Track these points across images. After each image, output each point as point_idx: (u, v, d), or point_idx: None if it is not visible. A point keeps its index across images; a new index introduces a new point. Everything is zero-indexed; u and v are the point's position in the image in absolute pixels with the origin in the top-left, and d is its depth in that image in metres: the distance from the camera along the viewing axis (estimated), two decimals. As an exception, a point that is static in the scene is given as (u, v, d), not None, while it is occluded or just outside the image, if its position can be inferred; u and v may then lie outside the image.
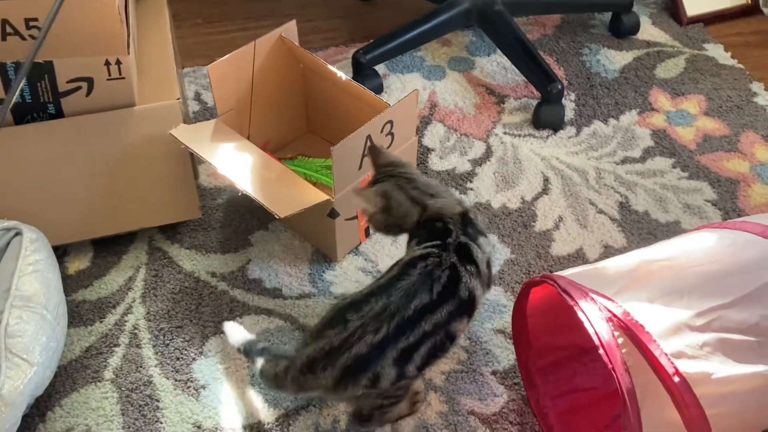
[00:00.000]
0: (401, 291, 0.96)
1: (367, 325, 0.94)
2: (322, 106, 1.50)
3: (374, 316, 0.94)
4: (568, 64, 1.76)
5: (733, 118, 1.63)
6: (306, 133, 1.57)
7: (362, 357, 0.94)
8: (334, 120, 1.47)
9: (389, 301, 0.95)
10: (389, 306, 0.95)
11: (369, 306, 0.95)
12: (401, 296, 0.95)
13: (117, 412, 1.13)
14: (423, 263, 0.99)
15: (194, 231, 1.39)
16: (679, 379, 0.90)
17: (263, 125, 1.44)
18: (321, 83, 1.44)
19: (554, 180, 1.49)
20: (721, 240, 1.07)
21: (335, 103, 1.44)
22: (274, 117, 1.48)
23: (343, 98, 1.40)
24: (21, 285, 1.08)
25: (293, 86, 1.49)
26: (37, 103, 1.24)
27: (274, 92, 1.44)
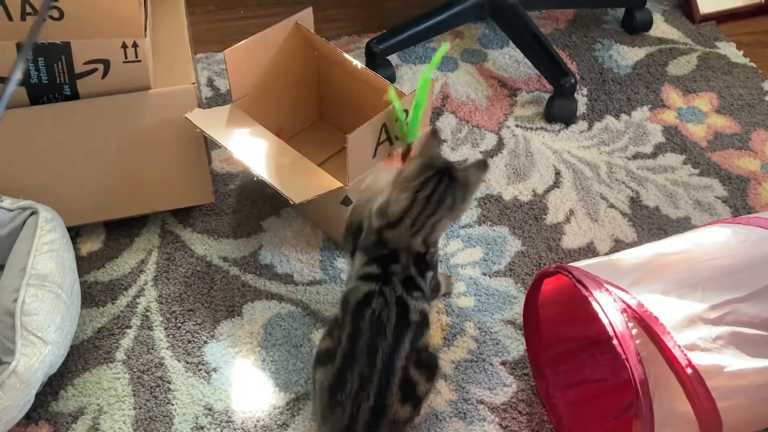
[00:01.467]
0: (364, 352, 1.00)
1: (358, 397, 0.99)
2: (336, 95, 1.50)
3: (358, 388, 0.99)
4: (580, 59, 1.76)
5: (744, 116, 1.64)
6: (318, 121, 1.57)
7: (372, 420, 1.00)
8: (347, 108, 1.48)
9: (361, 367, 1.00)
10: (363, 371, 1.00)
11: (348, 383, 1.00)
12: (366, 356, 1.00)
13: (128, 393, 1.14)
14: (368, 310, 1.02)
15: (207, 216, 1.39)
16: (691, 371, 0.90)
17: (277, 112, 1.45)
18: (335, 71, 1.45)
19: (566, 173, 1.50)
20: (735, 235, 1.07)
21: (349, 92, 1.44)
22: (287, 104, 1.48)
23: (357, 87, 1.40)
24: (36, 264, 1.08)
25: (307, 74, 1.49)
26: (53, 84, 1.24)
27: (288, 79, 1.44)
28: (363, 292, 1.04)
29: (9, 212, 1.16)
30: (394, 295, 1.03)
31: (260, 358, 1.19)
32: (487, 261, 1.34)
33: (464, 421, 1.11)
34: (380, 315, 1.01)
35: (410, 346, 1.02)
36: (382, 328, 1.01)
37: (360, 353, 1.00)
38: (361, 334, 1.01)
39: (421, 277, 1.07)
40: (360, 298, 1.03)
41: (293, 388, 1.15)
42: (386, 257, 1.06)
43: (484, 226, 1.40)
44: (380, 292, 1.03)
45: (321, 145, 1.47)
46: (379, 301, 1.02)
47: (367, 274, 1.05)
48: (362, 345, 1.01)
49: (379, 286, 1.03)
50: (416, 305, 1.04)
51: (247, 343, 1.20)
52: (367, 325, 1.01)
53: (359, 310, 1.03)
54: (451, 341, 1.21)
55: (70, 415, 1.11)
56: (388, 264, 1.05)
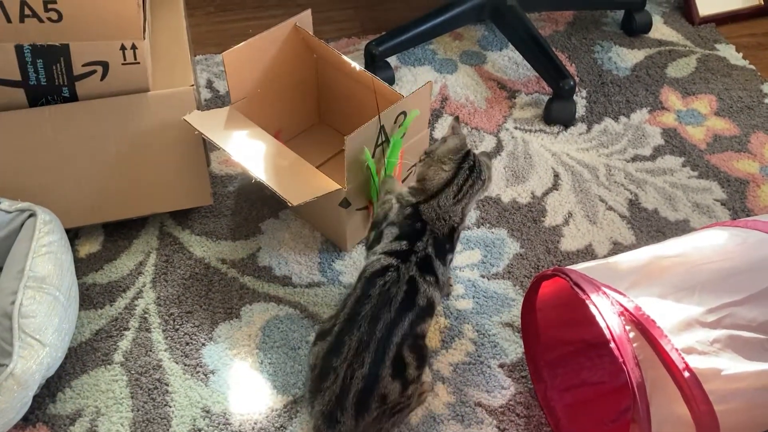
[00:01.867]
0: (366, 319, 1.02)
1: (352, 364, 1.00)
2: (335, 97, 1.50)
3: (354, 353, 1.01)
4: (579, 61, 1.76)
5: (743, 118, 1.64)
6: (317, 123, 1.57)
7: (364, 389, 1.00)
8: (346, 110, 1.48)
9: (360, 333, 1.01)
10: (362, 338, 1.01)
11: (346, 346, 1.01)
12: (368, 324, 1.02)
13: (126, 395, 1.14)
14: (381, 280, 1.05)
15: (205, 218, 1.39)
16: (689, 375, 0.90)
17: (275, 114, 1.45)
18: (334, 74, 1.45)
19: (564, 176, 1.50)
20: (732, 238, 1.07)
21: (348, 94, 1.44)
22: (286, 106, 1.48)
23: (356, 89, 1.40)
24: (34, 266, 1.08)
25: (306, 76, 1.49)
26: (52, 86, 1.24)
27: (287, 81, 1.45)
28: (382, 264, 1.06)
29: (7, 214, 1.16)
30: (408, 275, 1.05)
31: (258, 361, 1.19)
32: (485, 263, 1.34)
33: (462, 424, 1.11)
34: (390, 288, 1.04)
35: (409, 327, 1.03)
36: (388, 301, 1.03)
37: (362, 319, 1.02)
38: (367, 300, 1.03)
39: (439, 260, 1.09)
40: (377, 269, 1.06)
41: (291, 390, 1.15)
42: (417, 232, 1.09)
43: (483, 228, 1.40)
44: (396, 268, 1.05)
45: (319, 147, 1.48)
46: (392, 276, 1.05)
47: (393, 250, 1.08)
48: (366, 311, 1.02)
49: (398, 262, 1.06)
50: (426, 290, 1.06)
51: (245, 345, 1.20)
52: (376, 293, 1.04)
53: (372, 279, 1.05)
54: (449, 344, 1.21)
55: (68, 417, 1.11)
56: (416, 240, 1.08)
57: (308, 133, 1.54)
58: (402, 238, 1.09)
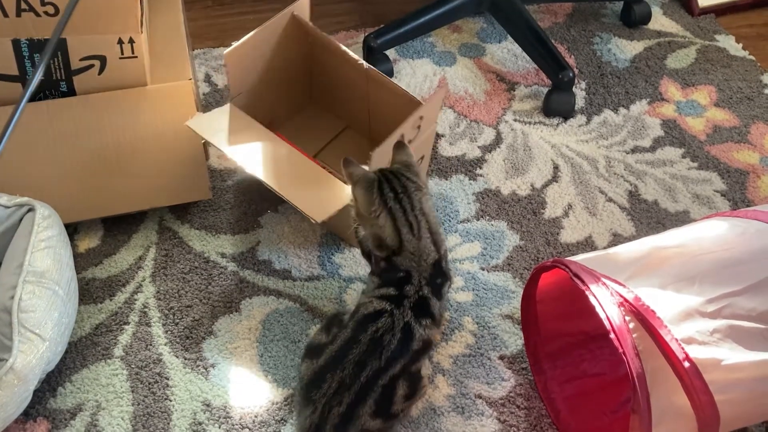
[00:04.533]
0: (351, 364, 1.00)
1: (331, 401, 0.99)
2: (328, 79, 1.47)
3: (334, 392, 1.00)
4: (579, 53, 1.76)
5: (743, 109, 1.63)
6: (309, 104, 1.54)
7: (340, 425, 1.00)
8: (338, 92, 1.46)
9: (343, 374, 1.00)
10: (344, 380, 0.99)
11: (327, 384, 1.00)
12: (353, 368, 1.00)
13: (127, 389, 1.14)
14: (373, 326, 1.01)
15: (204, 212, 1.39)
16: (689, 365, 0.90)
17: (272, 101, 1.43)
18: (329, 58, 1.42)
19: (564, 168, 1.50)
20: (732, 228, 1.07)
21: (342, 77, 1.42)
22: (281, 91, 1.46)
23: (350, 73, 1.39)
24: (34, 261, 1.08)
25: (301, 60, 1.47)
26: (50, 81, 1.24)
27: (284, 69, 1.42)
28: (375, 308, 1.03)
29: (6, 209, 1.16)
30: (402, 321, 1.02)
31: (258, 354, 1.19)
32: (485, 256, 1.34)
33: (462, 416, 1.11)
34: (382, 336, 1.01)
35: (401, 370, 1.02)
36: (379, 349, 1.00)
37: (348, 362, 1.00)
38: (357, 345, 1.01)
39: (435, 297, 1.05)
40: (369, 312, 1.03)
41: (291, 383, 1.15)
42: (401, 280, 1.05)
43: (483, 220, 1.39)
44: (390, 314, 1.02)
45: (316, 131, 1.46)
46: (386, 322, 1.01)
47: (383, 294, 1.05)
48: (354, 355, 1.00)
49: (391, 307, 1.02)
50: (422, 334, 1.03)
51: (246, 338, 1.20)
52: (367, 339, 1.01)
53: (364, 323, 1.02)
54: (449, 336, 1.21)
55: (69, 411, 1.11)
56: (404, 286, 1.05)
57: (301, 115, 1.52)
58: (387, 285, 1.05)
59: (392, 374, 1.01)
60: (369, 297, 1.06)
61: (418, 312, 1.03)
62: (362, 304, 1.06)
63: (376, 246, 1.08)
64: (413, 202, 1.06)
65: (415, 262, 1.06)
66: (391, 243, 1.06)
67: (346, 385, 0.99)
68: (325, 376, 1.00)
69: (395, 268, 1.06)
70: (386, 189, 1.06)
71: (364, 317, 1.03)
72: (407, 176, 1.07)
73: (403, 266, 1.06)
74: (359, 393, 0.99)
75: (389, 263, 1.07)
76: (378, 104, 1.40)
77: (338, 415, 0.99)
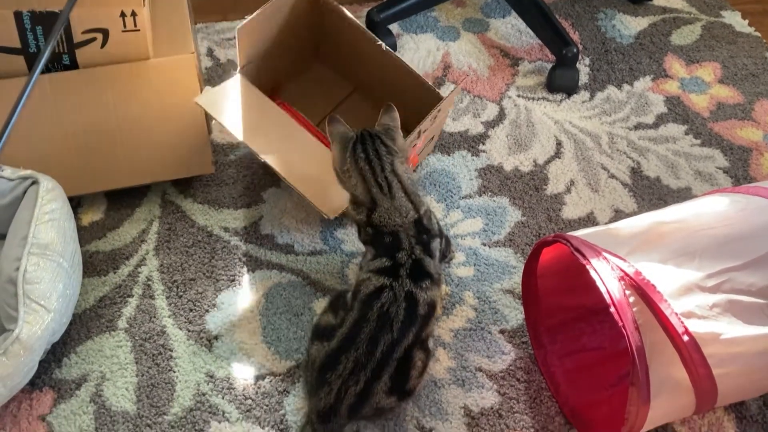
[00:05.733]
0: (364, 341, 1.01)
1: (347, 381, 1.00)
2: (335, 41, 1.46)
3: (350, 373, 1.00)
4: (583, 29, 1.75)
5: (748, 86, 1.62)
6: (315, 64, 1.53)
7: (355, 404, 1.01)
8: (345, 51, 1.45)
9: (357, 354, 1.00)
10: (359, 359, 1.00)
11: (342, 365, 1.01)
12: (366, 345, 1.01)
13: (131, 361, 1.15)
14: (378, 302, 1.02)
15: (207, 186, 1.39)
16: (688, 338, 0.91)
17: (275, 63, 1.41)
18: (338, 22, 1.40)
19: (567, 144, 1.49)
20: (733, 204, 1.07)
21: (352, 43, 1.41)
22: (288, 56, 1.44)
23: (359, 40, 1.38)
24: (38, 233, 1.09)
25: (309, 27, 1.45)
26: (52, 54, 1.24)
27: (291, 35, 1.40)
28: (375, 285, 1.04)
29: (10, 182, 1.17)
30: (404, 291, 1.03)
31: (261, 327, 1.20)
32: (486, 231, 1.34)
33: (462, 388, 1.13)
34: (388, 309, 1.02)
35: (414, 338, 1.03)
36: (389, 322, 1.01)
37: (361, 341, 1.01)
38: (366, 324, 1.01)
39: (428, 255, 1.07)
40: (371, 291, 1.04)
41: (294, 355, 1.16)
42: (391, 245, 1.06)
43: (485, 196, 1.40)
44: (390, 287, 1.03)
45: (322, 94, 1.45)
46: (389, 296, 1.02)
47: (379, 268, 1.05)
48: (365, 334, 1.01)
49: (390, 281, 1.03)
50: (425, 298, 1.04)
51: (248, 311, 1.21)
52: (375, 316, 1.02)
53: (368, 302, 1.03)
54: (450, 310, 1.22)
55: (74, 382, 1.13)
56: (395, 253, 1.05)
57: (308, 75, 1.50)
58: (381, 256, 1.06)
59: (406, 345, 1.02)
60: (366, 273, 1.07)
61: (415, 276, 1.04)
62: (362, 281, 1.06)
63: (353, 205, 1.12)
64: (384, 164, 1.09)
65: (398, 219, 1.07)
66: (364, 200, 1.09)
67: (362, 363, 1.00)
68: (340, 358, 1.01)
69: (380, 231, 1.08)
70: (359, 150, 1.10)
71: (367, 296, 1.04)
72: (383, 140, 1.11)
73: (387, 227, 1.07)
74: (375, 370, 1.00)
75: (373, 227, 1.09)
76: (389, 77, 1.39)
77: (354, 395, 1.00)
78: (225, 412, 1.10)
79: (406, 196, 1.09)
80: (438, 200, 1.38)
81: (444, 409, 1.10)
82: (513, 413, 1.10)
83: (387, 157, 1.10)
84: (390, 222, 1.08)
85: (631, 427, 0.96)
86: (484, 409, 1.11)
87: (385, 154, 1.10)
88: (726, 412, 1.10)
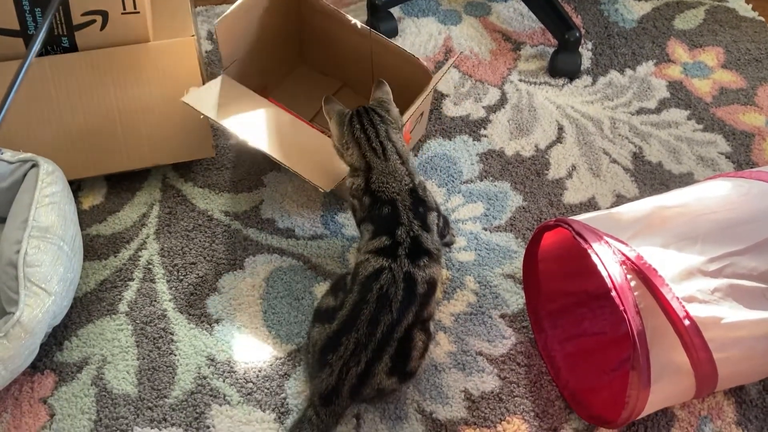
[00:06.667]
0: (365, 323, 1.01)
1: (348, 362, 1.01)
2: (318, 39, 1.46)
3: (351, 353, 1.01)
4: (585, 13, 1.74)
5: (751, 71, 1.62)
6: (300, 66, 1.53)
7: (357, 385, 1.02)
8: (330, 51, 1.45)
9: (358, 335, 1.01)
10: (360, 340, 1.01)
11: (343, 346, 1.01)
12: (367, 327, 1.01)
13: (132, 344, 1.15)
14: (377, 284, 1.02)
15: (207, 170, 1.39)
16: (689, 323, 0.91)
17: (260, 64, 1.41)
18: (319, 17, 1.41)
19: (568, 129, 1.49)
20: (735, 188, 1.07)
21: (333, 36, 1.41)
22: (272, 57, 1.45)
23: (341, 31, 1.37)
24: (38, 216, 1.08)
25: (291, 23, 1.45)
26: (52, 36, 1.23)
27: (274, 34, 1.41)
28: (373, 266, 1.04)
29: (10, 165, 1.16)
30: (402, 271, 1.03)
31: (262, 310, 1.20)
32: (488, 216, 1.34)
33: (463, 372, 1.13)
34: (387, 290, 1.02)
35: (414, 317, 1.03)
36: (388, 303, 1.02)
37: (361, 323, 1.01)
38: (366, 305, 1.02)
39: (425, 230, 1.07)
40: (370, 272, 1.04)
41: (294, 339, 1.16)
42: (389, 218, 1.06)
43: (486, 181, 1.39)
44: (389, 269, 1.03)
45: (311, 93, 1.45)
46: (388, 277, 1.02)
47: (377, 248, 1.05)
48: (365, 315, 1.01)
49: (389, 262, 1.03)
50: (423, 276, 1.04)
51: (249, 295, 1.21)
52: (374, 298, 1.02)
53: (367, 283, 1.03)
54: (451, 294, 1.22)
55: (75, 365, 1.13)
56: (394, 229, 1.05)
57: (294, 76, 1.51)
58: (380, 233, 1.06)
59: (406, 325, 1.02)
60: (364, 254, 1.06)
61: (414, 255, 1.04)
62: (360, 263, 1.06)
63: (352, 173, 1.14)
64: (378, 131, 1.13)
65: (395, 185, 1.09)
66: (360, 166, 1.12)
67: (363, 344, 1.00)
68: (341, 339, 1.01)
69: (378, 199, 1.09)
70: (355, 122, 1.13)
71: (366, 278, 1.04)
72: (377, 111, 1.15)
73: (385, 194, 1.08)
74: (376, 350, 1.01)
75: (371, 194, 1.09)
76: (377, 60, 1.38)
77: (356, 376, 1.01)
78: (226, 396, 1.10)
79: (400, 160, 1.12)
80: (439, 185, 1.38)
81: (444, 393, 1.11)
82: (513, 397, 1.11)
83: (381, 125, 1.13)
84: (387, 188, 1.09)
85: (632, 411, 0.96)
86: (484, 393, 1.11)
87: (380, 122, 1.13)
88: (726, 396, 1.10)
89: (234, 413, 1.08)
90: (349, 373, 1.00)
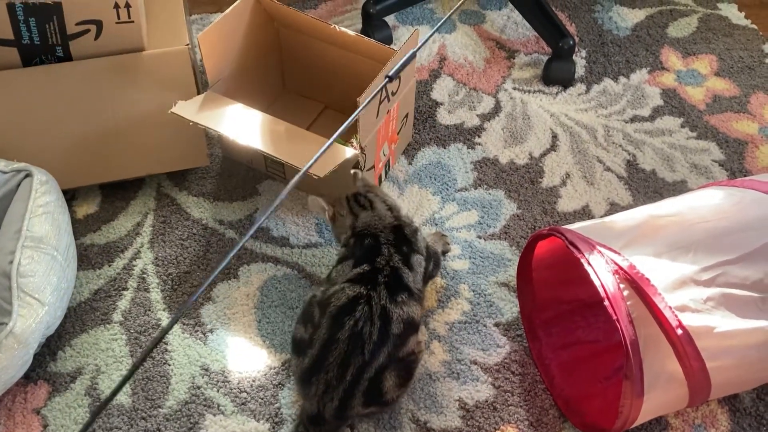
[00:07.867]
0: (335, 366, 0.99)
1: (323, 398, 1.00)
2: (299, 63, 1.47)
3: (323, 393, 1.00)
4: (579, 21, 1.74)
5: (744, 78, 1.62)
6: (283, 93, 1.54)
7: (337, 415, 1.01)
8: (312, 74, 1.46)
9: (328, 377, 0.99)
10: (330, 382, 0.99)
11: (314, 386, 1.01)
12: (336, 368, 0.99)
13: (126, 354, 1.15)
14: (350, 320, 0.99)
15: (202, 179, 1.39)
16: (682, 332, 0.91)
17: (247, 91, 1.40)
18: (298, 37, 1.41)
19: (562, 137, 1.49)
20: (728, 197, 1.07)
21: (313, 57, 1.42)
22: (256, 80, 1.45)
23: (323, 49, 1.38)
24: (32, 226, 1.08)
25: (270, 46, 1.46)
26: (46, 46, 1.23)
27: (255, 55, 1.41)
28: (348, 296, 1.01)
29: (3, 174, 1.16)
30: (379, 305, 1.00)
31: (256, 320, 1.20)
32: (482, 224, 1.34)
33: (457, 381, 1.13)
34: (362, 329, 0.98)
35: (387, 359, 1.00)
36: (360, 344, 0.98)
37: (331, 365, 0.99)
38: (335, 345, 0.99)
39: (407, 267, 1.06)
40: (343, 303, 1.00)
41: (288, 348, 1.16)
42: (370, 248, 1.06)
43: (480, 189, 1.40)
44: (367, 299, 1.00)
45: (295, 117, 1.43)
46: (364, 311, 0.99)
47: (357, 275, 1.03)
48: (335, 356, 0.99)
49: (367, 290, 1.01)
50: (400, 315, 1.01)
51: (243, 304, 1.21)
52: (345, 336, 0.98)
53: (339, 318, 0.99)
54: (445, 303, 1.22)
55: (69, 375, 1.12)
56: (374, 257, 1.05)
57: (277, 104, 1.51)
58: (361, 262, 1.05)
59: (377, 366, 0.99)
60: (341, 285, 1.03)
61: (392, 288, 1.02)
62: (333, 293, 1.02)
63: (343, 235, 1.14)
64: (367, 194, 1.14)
65: (378, 223, 1.09)
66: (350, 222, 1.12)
67: (333, 386, 0.99)
68: (311, 379, 1.00)
69: (361, 235, 1.09)
70: (350, 198, 1.14)
71: (338, 310, 1.00)
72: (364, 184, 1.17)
73: (368, 230, 1.09)
74: (347, 390, 0.99)
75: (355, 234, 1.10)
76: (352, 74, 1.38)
77: (333, 408, 1.00)
78: (220, 405, 1.10)
79: (385, 205, 1.13)
80: (433, 193, 1.38)
81: (439, 402, 1.11)
82: (508, 406, 1.11)
83: (369, 192, 1.15)
84: (370, 226, 1.09)
85: (625, 420, 0.96)
86: (478, 402, 1.11)
87: (367, 191, 1.15)
88: (719, 404, 1.11)
89: (228, 423, 1.08)
90: (326, 407, 1.00)
